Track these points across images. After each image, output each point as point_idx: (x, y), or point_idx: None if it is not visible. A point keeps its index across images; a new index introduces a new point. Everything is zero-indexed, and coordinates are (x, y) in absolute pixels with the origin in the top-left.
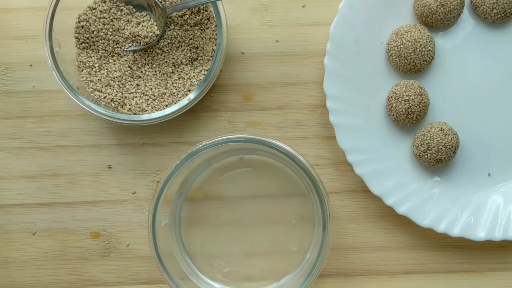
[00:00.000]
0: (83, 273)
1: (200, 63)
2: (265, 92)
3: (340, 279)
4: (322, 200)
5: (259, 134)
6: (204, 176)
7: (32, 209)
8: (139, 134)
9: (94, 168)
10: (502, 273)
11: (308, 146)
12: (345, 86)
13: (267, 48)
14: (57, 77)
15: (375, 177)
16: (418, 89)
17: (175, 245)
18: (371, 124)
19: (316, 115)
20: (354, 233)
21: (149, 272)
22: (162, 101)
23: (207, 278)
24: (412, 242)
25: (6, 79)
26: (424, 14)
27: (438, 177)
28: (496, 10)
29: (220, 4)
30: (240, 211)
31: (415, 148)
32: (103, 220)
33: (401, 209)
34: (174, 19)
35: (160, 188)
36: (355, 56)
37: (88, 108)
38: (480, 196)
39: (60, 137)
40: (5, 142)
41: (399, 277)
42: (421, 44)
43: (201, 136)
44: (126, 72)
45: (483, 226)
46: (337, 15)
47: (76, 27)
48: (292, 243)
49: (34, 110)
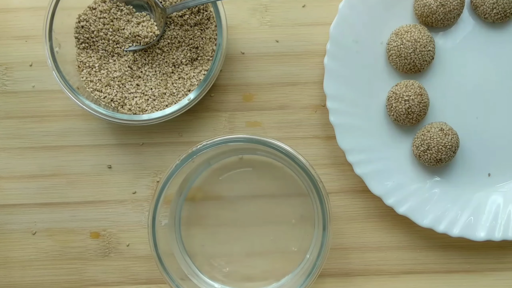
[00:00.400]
0: (83, 273)
1: (200, 63)
2: (265, 92)
3: (340, 279)
4: (322, 200)
5: (259, 134)
6: (204, 176)
7: (32, 209)
8: (139, 134)
9: (94, 168)
10: (502, 273)
11: (308, 146)
12: (345, 86)
13: (267, 48)
14: (57, 77)
15: (375, 177)
16: (418, 89)
17: (175, 245)
18: (371, 124)
19: (316, 115)
20: (354, 233)
21: (149, 272)
22: (162, 101)
23: (207, 278)
24: (412, 242)
25: (6, 79)
26: (424, 14)
27: (438, 177)
28: (496, 10)
29: (220, 4)
30: (240, 211)
31: (415, 148)
32: (103, 220)
33: (401, 209)
34: (174, 19)
35: (160, 188)
36: (355, 56)
37: (88, 108)
38: (480, 196)
39: (60, 137)
40: (5, 142)
41: (399, 277)
42: (421, 44)
43: (201, 136)
44: (126, 72)
45: (483, 226)
46: (337, 15)
47: (76, 27)
48: (292, 243)
49: (34, 110)
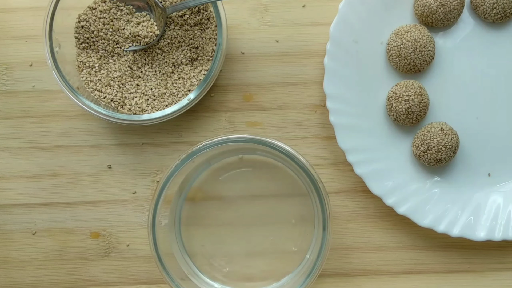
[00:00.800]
0: (83, 273)
1: (200, 63)
2: (265, 92)
3: (340, 279)
4: (322, 200)
5: (259, 134)
6: (204, 176)
7: (32, 209)
8: (139, 134)
9: (94, 168)
10: (502, 273)
11: (308, 146)
12: (345, 86)
13: (267, 48)
14: (57, 77)
15: (375, 177)
16: (418, 89)
17: (175, 245)
18: (371, 124)
19: (316, 115)
20: (354, 233)
21: (149, 272)
22: (162, 101)
23: (207, 278)
24: (412, 242)
25: (6, 79)
26: (424, 14)
27: (438, 177)
28: (496, 10)
29: (220, 4)
30: (240, 211)
31: (415, 148)
32: (103, 220)
33: (401, 209)
34: (174, 19)
35: (160, 188)
36: (355, 56)
37: (88, 108)
38: (480, 196)
39: (60, 137)
40: (5, 142)
41: (399, 277)
42: (421, 44)
43: (201, 136)
44: (126, 72)
45: (483, 226)
46: (337, 15)
47: (76, 27)
48: (292, 243)
49: (34, 110)
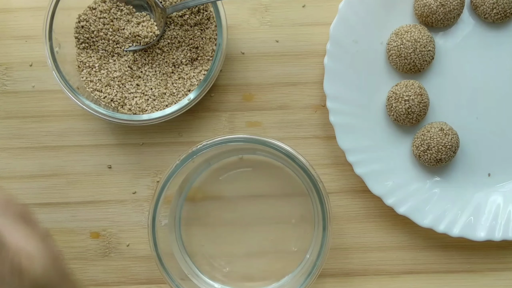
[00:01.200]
0: (83, 273)
1: (200, 63)
2: (265, 92)
3: (340, 279)
4: (322, 200)
5: (259, 134)
6: (204, 176)
7: (32, 209)
8: (139, 134)
9: (94, 168)
10: (502, 273)
11: (308, 146)
12: (345, 86)
13: (267, 48)
14: (57, 77)
15: (375, 177)
16: (418, 89)
17: (175, 245)
18: (371, 124)
19: (316, 115)
20: (354, 233)
21: (149, 272)
22: (162, 101)
23: (207, 278)
24: (412, 242)
25: (6, 79)
26: (424, 14)
27: (438, 177)
28: (496, 10)
29: (220, 4)
30: (240, 211)
31: (415, 148)
32: (103, 220)
33: (401, 209)
34: (174, 19)
35: (160, 188)
36: (355, 56)
37: (88, 108)
38: (480, 196)
39: (60, 137)
40: (5, 142)
41: (399, 277)
42: (421, 44)
43: (201, 136)
44: (126, 72)
45: (483, 226)
46: (337, 15)
47: (76, 27)
48: (292, 243)
49: (34, 110)
